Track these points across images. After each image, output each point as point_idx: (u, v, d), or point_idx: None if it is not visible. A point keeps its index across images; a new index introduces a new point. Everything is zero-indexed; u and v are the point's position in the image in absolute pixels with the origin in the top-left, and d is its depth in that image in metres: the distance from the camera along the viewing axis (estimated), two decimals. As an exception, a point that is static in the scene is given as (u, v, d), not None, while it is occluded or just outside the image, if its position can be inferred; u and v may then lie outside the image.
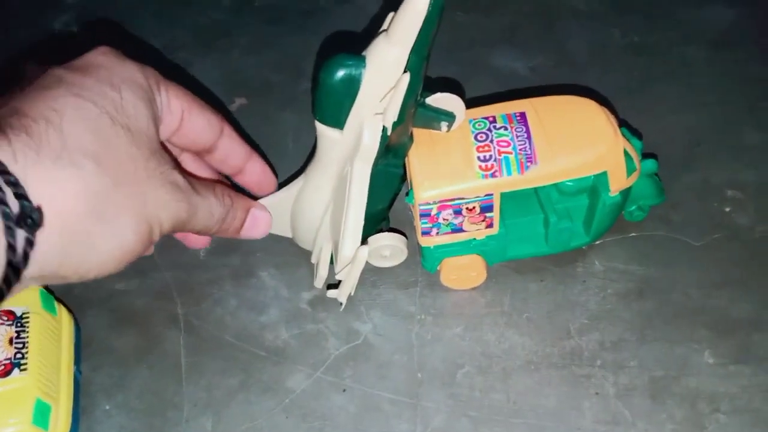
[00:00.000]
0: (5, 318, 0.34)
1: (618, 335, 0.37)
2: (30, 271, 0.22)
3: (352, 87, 0.31)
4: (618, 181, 0.35)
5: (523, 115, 0.36)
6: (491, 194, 0.35)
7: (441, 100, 0.35)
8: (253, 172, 0.37)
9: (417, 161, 0.36)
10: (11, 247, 0.21)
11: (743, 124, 0.46)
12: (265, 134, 0.50)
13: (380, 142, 0.32)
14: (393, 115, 0.31)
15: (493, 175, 0.34)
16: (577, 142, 0.35)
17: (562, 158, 0.34)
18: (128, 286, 0.42)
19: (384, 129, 0.32)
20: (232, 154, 0.35)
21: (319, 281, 0.39)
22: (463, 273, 0.38)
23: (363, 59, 0.31)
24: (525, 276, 0.40)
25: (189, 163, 0.36)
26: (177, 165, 0.30)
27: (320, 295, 0.40)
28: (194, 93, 0.33)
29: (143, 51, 0.62)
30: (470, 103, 0.37)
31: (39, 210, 0.22)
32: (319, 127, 0.33)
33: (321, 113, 0.32)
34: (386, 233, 0.38)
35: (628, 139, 0.37)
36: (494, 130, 0.36)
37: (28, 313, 0.34)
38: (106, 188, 0.24)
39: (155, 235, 0.27)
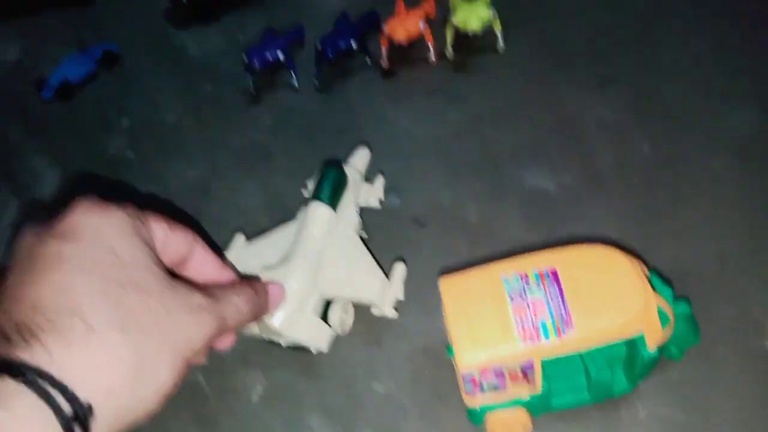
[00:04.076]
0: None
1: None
2: None
3: (343, 182, 0.50)
4: (654, 338, 0.36)
5: (554, 273, 0.37)
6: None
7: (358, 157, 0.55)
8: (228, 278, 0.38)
9: (455, 322, 0.37)
10: None
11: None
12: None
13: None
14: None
15: (531, 340, 0.35)
16: (611, 304, 0.36)
17: (598, 322, 0.35)
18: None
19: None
20: (205, 263, 0.35)
21: (342, 327, 0.46)
22: (509, 426, 0.39)
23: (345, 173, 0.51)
24: (569, 424, 0.40)
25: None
26: (190, 284, 0.31)
27: None
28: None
29: (187, 178, 0.65)
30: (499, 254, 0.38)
31: (89, 407, 0.24)
32: (324, 209, 0.47)
33: (330, 199, 0.48)
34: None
35: (658, 290, 0.38)
36: (528, 290, 0.37)
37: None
38: (136, 351, 0.26)
39: (191, 360, 0.29)
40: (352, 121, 0.64)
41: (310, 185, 0.54)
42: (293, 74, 0.72)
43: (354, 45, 0.70)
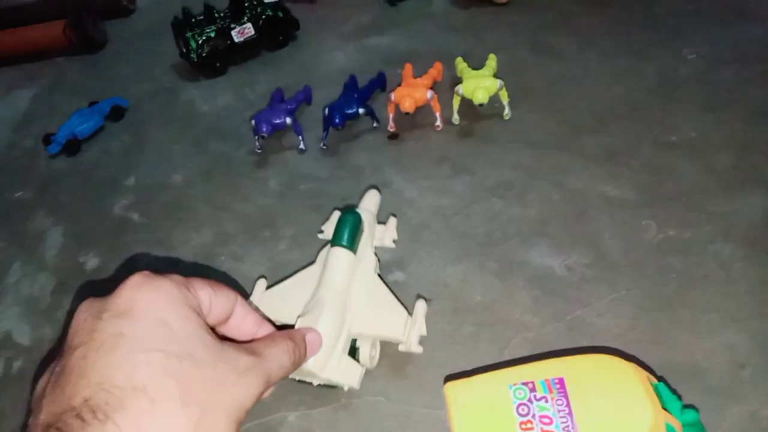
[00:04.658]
0: None
1: None
2: None
3: (360, 227, 0.51)
4: (663, 456, 0.35)
5: (561, 382, 0.37)
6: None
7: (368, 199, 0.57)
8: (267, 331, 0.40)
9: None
10: None
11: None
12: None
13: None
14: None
15: (537, 458, 0.34)
16: (618, 421, 0.35)
17: (606, 441, 0.34)
18: None
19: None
20: (245, 319, 0.37)
21: (370, 362, 0.48)
22: None
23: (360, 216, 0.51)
24: None
25: None
26: (234, 343, 0.33)
27: None
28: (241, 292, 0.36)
29: (192, 243, 0.65)
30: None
31: None
32: (346, 254, 0.49)
33: (351, 243, 0.49)
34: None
35: (666, 403, 0.37)
36: (535, 402, 0.36)
37: None
38: (197, 419, 0.28)
39: (243, 418, 0.31)
40: (358, 189, 0.64)
41: (326, 228, 0.57)
42: (301, 138, 0.72)
43: (361, 111, 0.70)
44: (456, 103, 0.71)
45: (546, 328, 0.50)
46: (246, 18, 0.90)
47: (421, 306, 0.49)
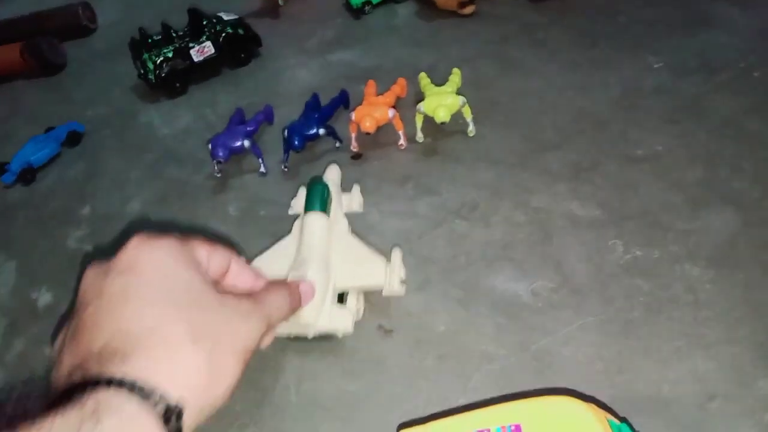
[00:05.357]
0: None
1: None
2: None
3: (329, 192, 0.56)
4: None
5: (518, 429, 0.35)
6: None
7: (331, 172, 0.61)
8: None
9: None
10: None
11: (756, 374, 0.43)
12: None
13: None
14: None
15: None
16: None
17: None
18: None
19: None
20: (242, 273, 0.40)
21: (357, 314, 0.51)
22: None
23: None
24: None
25: None
26: (236, 294, 0.35)
27: None
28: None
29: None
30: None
31: (179, 404, 0.28)
32: (319, 218, 0.53)
33: (323, 207, 0.54)
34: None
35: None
36: (492, 452, 0.34)
37: None
38: (206, 355, 0.30)
39: (249, 357, 0.33)
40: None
41: (294, 204, 0.60)
42: (261, 161, 0.70)
43: (321, 132, 0.68)
44: (419, 120, 0.69)
45: (511, 359, 0.48)
46: (205, 36, 0.87)
47: (397, 253, 0.53)
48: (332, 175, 0.60)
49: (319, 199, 0.54)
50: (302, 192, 0.59)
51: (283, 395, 0.48)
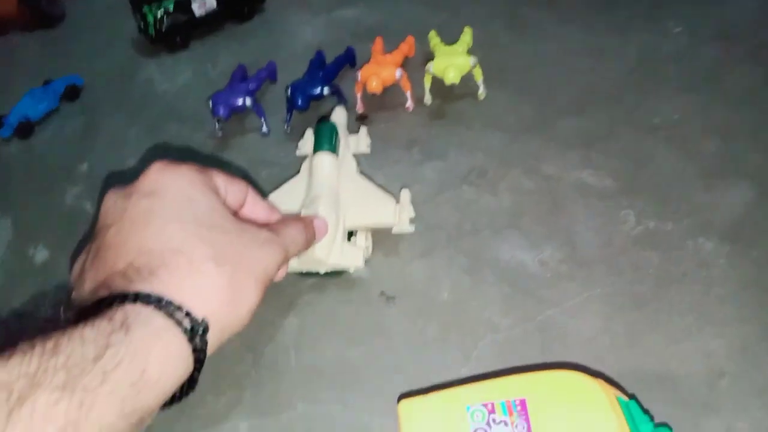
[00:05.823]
0: None
1: None
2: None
3: (337, 133, 0.57)
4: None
5: (523, 403, 0.33)
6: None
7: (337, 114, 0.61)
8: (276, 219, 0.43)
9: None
10: (196, 350, 0.29)
11: (766, 354, 0.42)
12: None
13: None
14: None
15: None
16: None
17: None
18: None
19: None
20: (257, 207, 0.41)
21: (365, 252, 0.52)
22: None
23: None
24: None
25: None
26: (257, 224, 0.37)
27: None
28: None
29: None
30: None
31: (204, 320, 0.29)
32: (329, 158, 0.53)
33: (332, 147, 0.54)
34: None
35: (637, 422, 0.34)
36: (494, 426, 0.33)
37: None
38: (229, 276, 0.31)
39: (268, 283, 0.34)
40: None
41: (302, 145, 0.61)
42: (263, 120, 0.68)
43: (326, 92, 0.65)
44: (427, 82, 0.66)
45: (516, 329, 0.46)
46: (207, -11, 0.84)
47: (406, 193, 0.54)
48: (339, 117, 0.60)
49: (327, 139, 0.54)
50: (309, 133, 0.61)
51: (282, 360, 0.47)
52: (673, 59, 0.67)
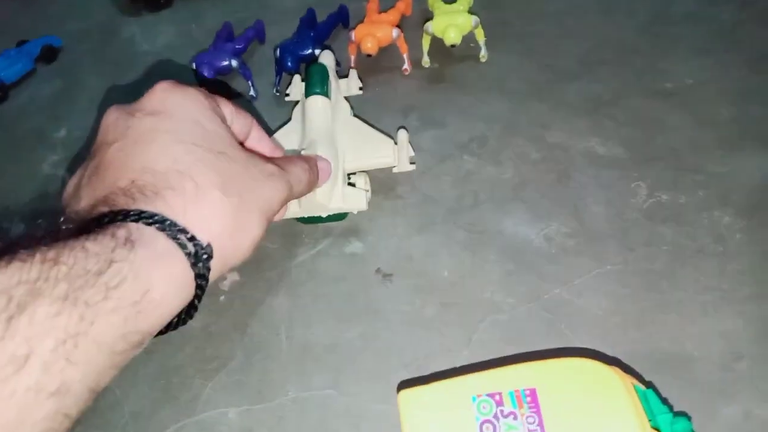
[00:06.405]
0: None
1: None
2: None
3: (328, 75, 0.54)
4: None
5: (533, 394, 0.31)
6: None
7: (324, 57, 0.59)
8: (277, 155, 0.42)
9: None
10: (198, 276, 0.28)
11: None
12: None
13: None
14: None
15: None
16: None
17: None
18: None
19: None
20: (261, 142, 0.40)
21: (367, 196, 0.50)
22: None
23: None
24: None
25: None
26: (263, 156, 0.35)
27: None
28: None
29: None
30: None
31: (209, 246, 0.28)
32: (322, 100, 0.51)
33: (324, 90, 0.52)
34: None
35: (655, 412, 0.32)
36: (502, 419, 0.30)
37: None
38: (234, 206, 0.30)
39: (272, 219, 0.34)
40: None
41: (291, 91, 0.60)
42: (251, 83, 0.64)
43: (317, 52, 0.61)
44: (426, 43, 0.62)
45: (520, 309, 0.44)
46: (190, -58, 0.78)
47: (403, 133, 0.51)
48: (327, 60, 0.58)
49: (319, 81, 0.52)
50: (297, 79, 0.59)
51: (273, 341, 0.45)
52: (686, 18, 0.63)
